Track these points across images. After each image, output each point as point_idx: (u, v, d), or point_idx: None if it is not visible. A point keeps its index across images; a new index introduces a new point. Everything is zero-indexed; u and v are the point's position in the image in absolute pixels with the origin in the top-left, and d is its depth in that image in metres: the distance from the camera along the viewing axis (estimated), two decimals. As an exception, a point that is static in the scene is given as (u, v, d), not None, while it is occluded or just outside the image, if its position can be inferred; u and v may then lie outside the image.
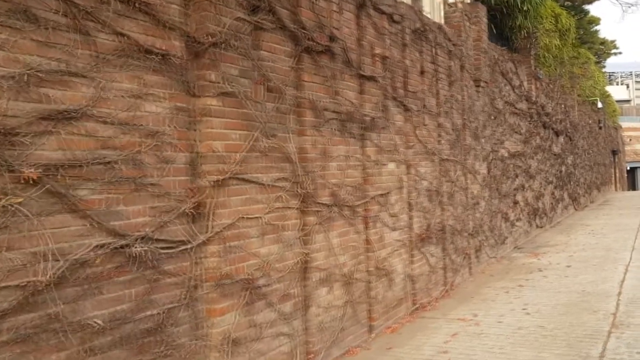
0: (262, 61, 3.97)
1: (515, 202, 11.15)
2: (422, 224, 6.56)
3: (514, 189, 11.10)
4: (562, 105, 17.01)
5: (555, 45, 14.54)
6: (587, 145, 21.78)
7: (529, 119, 12.54)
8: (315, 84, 4.58)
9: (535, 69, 13.04)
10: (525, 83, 12.44)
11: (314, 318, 4.40)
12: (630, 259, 8.99)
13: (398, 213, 5.97)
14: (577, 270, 8.26)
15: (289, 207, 4.16)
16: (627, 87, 66.79)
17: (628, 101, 60.07)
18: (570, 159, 17.84)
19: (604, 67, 31.18)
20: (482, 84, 8.88)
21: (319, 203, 4.53)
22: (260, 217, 3.85)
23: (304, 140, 4.43)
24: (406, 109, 6.28)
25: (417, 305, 6.26)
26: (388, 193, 5.74)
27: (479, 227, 8.64)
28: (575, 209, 18.56)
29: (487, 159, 9.35)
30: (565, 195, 16.95)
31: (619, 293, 6.66)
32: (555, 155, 15.40)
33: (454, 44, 7.84)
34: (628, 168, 42.69)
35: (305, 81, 4.46)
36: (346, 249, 4.94)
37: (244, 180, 3.70)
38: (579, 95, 20.11)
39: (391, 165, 5.88)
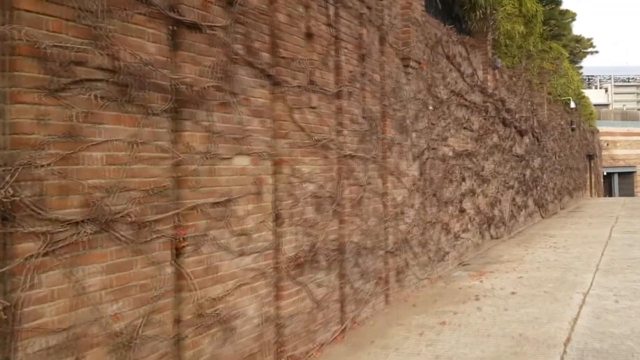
0: None
1: (462, 210, 9.42)
2: (302, 243, 4.75)
3: (461, 195, 9.37)
4: (529, 103, 15.39)
5: (519, 33, 12.87)
6: (558, 148, 20.23)
7: (483, 114, 10.83)
8: (51, 17, 2.74)
9: (492, 56, 11.33)
10: (480, 72, 10.73)
11: (22, 418, 2.56)
12: (591, 283, 7.30)
13: (252, 230, 4.15)
14: (523, 299, 6.53)
15: (-51, 228, 2.31)
16: (606, 91, 65.67)
17: (606, 105, 59.06)
18: (537, 162, 16.23)
19: (581, 67, 29.69)
20: (412, 63, 7.10)
21: (48, 219, 2.68)
22: None
23: (18, 110, 2.59)
24: (275, 82, 4.46)
25: (284, 359, 4.45)
26: (229, 201, 3.91)
27: (403, 243, 6.87)
28: (542, 217, 16.97)
29: (421, 157, 7.58)
30: (530, 202, 15.33)
31: (567, 340, 4.92)
32: (517, 157, 13.74)
33: (367, 7, 6.04)
34: (605, 173, 41.54)
35: (23, 10, 2.62)
36: (124, 292, 3.09)
37: None
38: (549, 93, 18.54)
39: (241, 160, 4.06)
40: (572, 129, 22.01)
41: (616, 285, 7.12)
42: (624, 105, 58.75)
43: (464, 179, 9.46)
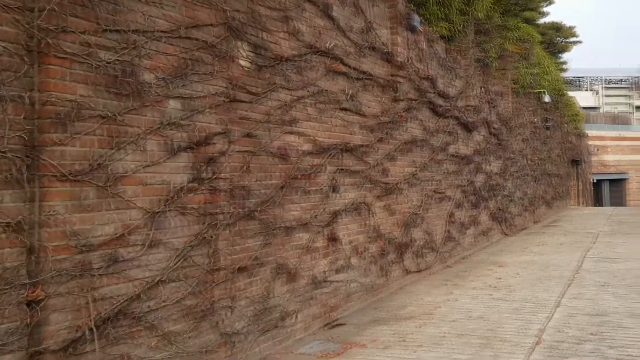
0: None
1: (333, 239, 5.92)
2: None
3: (332, 213, 5.87)
4: (481, 89, 11.96)
5: (458, -10, 9.45)
6: (529, 150, 16.79)
7: (391, 93, 7.37)
8: None
9: (406, 11, 7.85)
10: (383, 31, 7.27)
11: None
12: (512, 389, 3.82)
13: None
14: None
15: None
16: (596, 93, 62.15)
17: (596, 108, 55.72)
18: (495, 166, 12.79)
19: (565, 63, 26.27)
20: (152, -39, 3.61)
21: None
22: None
23: None
24: None
25: None
26: None
27: (116, 323, 3.35)
28: (505, 234, 13.52)
29: (200, 149, 4.08)
30: (484, 217, 11.85)
31: None
32: (461, 158, 10.28)
33: None
34: (594, 180, 38.15)
35: None
36: None
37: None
38: (514, 83, 15.11)
39: None
40: (547, 127, 18.56)
41: (557, 397, 3.64)
42: (614, 108, 55.47)
43: (334, 189, 5.95)
